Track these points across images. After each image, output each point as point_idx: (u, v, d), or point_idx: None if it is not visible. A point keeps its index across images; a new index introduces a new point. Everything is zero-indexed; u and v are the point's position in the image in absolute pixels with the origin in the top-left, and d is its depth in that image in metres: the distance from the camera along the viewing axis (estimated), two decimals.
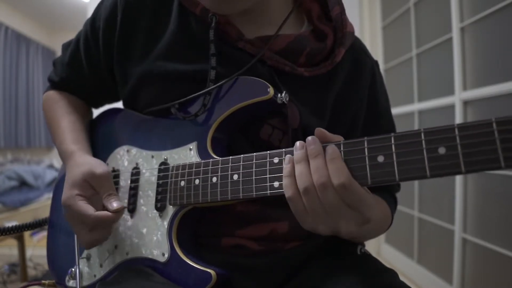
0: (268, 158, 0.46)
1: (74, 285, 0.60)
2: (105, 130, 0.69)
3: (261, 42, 0.55)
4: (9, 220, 2.86)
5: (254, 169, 0.46)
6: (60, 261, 0.65)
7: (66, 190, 0.54)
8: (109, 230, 0.55)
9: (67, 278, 0.61)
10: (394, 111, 1.37)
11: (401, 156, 0.37)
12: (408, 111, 1.99)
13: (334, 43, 0.59)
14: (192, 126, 0.55)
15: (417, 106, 1.91)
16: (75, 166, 0.56)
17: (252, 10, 0.56)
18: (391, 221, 0.61)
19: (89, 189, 0.54)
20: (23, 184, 3.56)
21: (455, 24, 1.53)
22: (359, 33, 2.31)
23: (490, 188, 1.40)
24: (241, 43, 0.55)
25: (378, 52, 2.36)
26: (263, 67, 0.55)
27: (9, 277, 2.09)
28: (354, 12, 2.33)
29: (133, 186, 0.59)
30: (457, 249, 1.53)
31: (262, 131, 0.55)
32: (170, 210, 0.54)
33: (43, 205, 3.39)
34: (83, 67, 0.66)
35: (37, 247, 2.42)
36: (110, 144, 0.66)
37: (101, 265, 0.60)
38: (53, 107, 0.69)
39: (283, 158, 0.45)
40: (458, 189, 1.53)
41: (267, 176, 0.45)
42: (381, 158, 0.39)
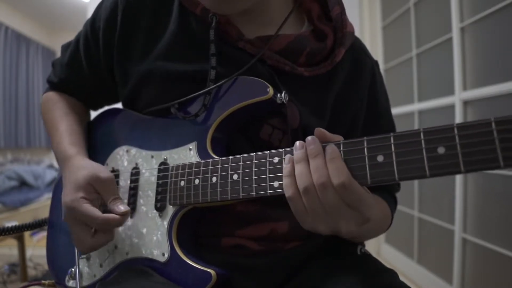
0: (268, 158, 0.46)
1: (74, 285, 0.60)
2: (105, 130, 0.69)
3: (261, 42, 0.55)
4: (9, 220, 2.86)
5: (254, 169, 0.46)
6: (60, 261, 0.65)
7: (69, 193, 0.53)
8: (113, 234, 0.54)
9: (67, 278, 0.61)
10: (394, 111, 1.37)
11: (401, 156, 0.37)
12: (408, 111, 1.99)
13: (334, 43, 0.59)
14: (192, 126, 0.55)
15: (417, 106, 1.91)
16: (76, 169, 0.56)
17: (252, 10, 0.56)
18: (391, 220, 0.61)
19: (93, 192, 0.54)
20: (23, 184, 3.56)
21: (455, 24, 1.53)
22: (359, 33, 2.31)
23: (490, 188, 1.39)
24: (241, 43, 0.55)
25: (378, 52, 2.36)
26: (263, 67, 0.55)
27: (9, 277, 2.09)
28: (354, 12, 2.33)
29: (133, 186, 0.59)
30: (457, 249, 1.53)
31: (262, 131, 0.55)
32: (170, 210, 0.54)
33: (43, 205, 3.39)
34: (83, 68, 0.66)
35: (37, 247, 2.42)
36: (110, 144, 0.66)
37: (101, 265, 0.60)
38: (51, 109, 0.69)
39: (283, 158, 0.45)
40: (458, 189, 1.53)
41: (267, 176, 0.45)
42: (380, 158, 0.39)
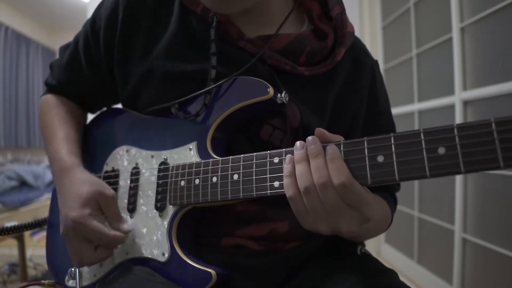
0: (268, 158, 0.46)
1: (73, 285, 0.60)
2: (105, 130, 0.69)
3: (262, 41, 0.55)
4: (9, 220, 2.86)
5: (254, 169, 0.46)
6: (60, 261, 0.65)
7: (75, 208, 0.53)
8: (112, 251, 0.55)
9: (66, 278, 0.61)
10: (394, 111, 1.37)
11: (401, 156, 0.37)
12: (408, 111, 1.99)
13: (335, 43, 0.59)
14: (192, 126, 0.55)
15: (417, 106, 1.91)
16: (80, 183, 0.55)
17: (253, 10, 0.56)
18: (391, 220, 0.61)
19: (97, 208, 0.54)
20: (23, 184, 3.55)
21: (455, 24, 1.53)
22: (359, 33, 2.31)
23: (490, 188, 1.39)
24: (242, 43, 0.55)
25: (378, 52, 2.36)
26: (263, 67, 0.55)
27: (9, 277, 2.09)
28: (354, 12, 2.33)
29: (133, 186, 0.59)
30: (457, 249, 1.53)
31: (262, 131, 0.55)
32: (170, 210, 0.54)
33: (43, 205, 3.39)
34: (83, 68, 0.65)
35: (37, 247, 2.42)
36: (110, 144, 0.66)
37: (100, 265, 0.60)
38: (49, 114, 0.68)
39: (283, 158, 0.45)
40: (458, 189, 1.53)
41: (267, 176, 0.45)
42: (381, 158, 0.39)
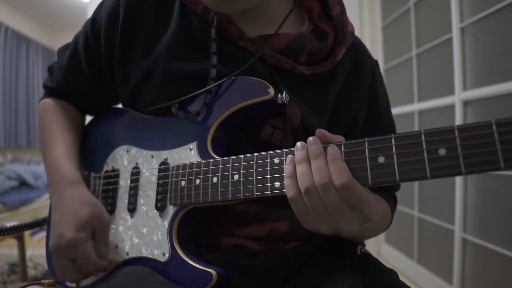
0: (268, 159, 0.46)
1: (73, 285, 0.60)
2: (105, 129, 0.69)
3: (262, 41, 0.55)
4: (9, 220, 2.86)
5: (255, 169, 0.46)
6: None
7: (72, 228, 0.53)
8: (93, 274, 0.56)
9: None
10: (394, 111, 1.37)
11: (402, 157, 0.38)
12: (408, 111, 1.99)
13: (335, 42, 0.59)
14: (192, 125, 0.55)
15: (417, 106, 1.91)
16: (81, 203, 0.56)
17: (253, 9, 0.56)
18: (391, 220, 0.61)
19: (91, 232, 0.55)
20: (23, 184, 3.55)
21: (455, 24, 1.53)
22: (359, 33, 2.31)
23: (490, 188, 1.40)
24: (242, 42, 0.55)
25: (378, 52, 2.36)
26: (263, 66, 0.55)
27: (9, 277, 2.09)
28: (354, 12, 2.33)
29: (133, 186, 0.59)
30: (457, 249, 1.53)
31: (263, 131, 0.55)
32: (171, 210, 0.54)
33: (43, 205, 3.39)
34: (83, 68, 0.65)
35: (37, 247, 2.42)
36: (110, 143, 0.66)
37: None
38: (48, 121, 0.68)
39: (284, 158, 0.45)
40: (458, 189, 1.53)
41: (268, 177, 0.45)
42: (381, 159, 0.39)
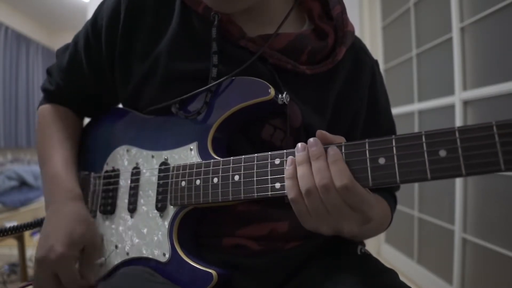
0: (269, 159, 0.46)
1: None
2: (105, 129, 0.69)
3: (263, 40, 0.55)
4: (9, 220, 2.86)
5: (255, 170, 0.47)
6: None
7: (65, 244, 0.53)
8: None
9: None
10: (394, 111, 1.37)
11: (402, 159, 0.38)
12: (408, 111, 1.99)
13: (335, 42, 0.59)
14: (193, 126, 0.55)
15: (417, 106, 1.91)
16: (78, 220, 0.57)
17: (253, 9, 0.56)
18: (391, 219, 0.62)
19: (80, 251, 0.55)
20: (23, 184, 3.55)
21: (455, 24, 1.53)
22: (359, 33, 2.31)
23: (490, 188, 1.40)
24: (243, 41, 0.55)
25: (378, 52, 2.36)
26: (264, 66, 0.55)
27: (9, 277, 2.09)
28: (354, 12, 2.33)
29: (133, 186, 0.59)
30: (457, 249, 1.53)
31: (263, 132, 0.55)
32: (171, 210, 0.54)
33: (43, 205, 3.33)
34: (83, 68, 0.65)
35: None
36: (110, 143, 0.66)
37: (101, 265, 0.60)
38: (47, 130, 0.68)
39: (284, 159, 0.45)
40: (458, 189, 1.53)
41: (269, 177, 0.45)
42: (382, 160, 0.39)
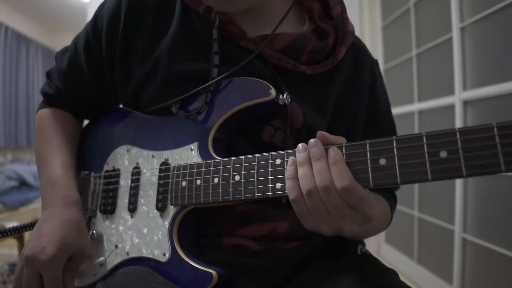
0: (270, 160, 0.46)
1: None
2: (106, 129, 0.69)
3: (263, 40, 0.55)
4: (9, 220, 2.86)
5: (256, 170, 0.47)
6: None
7: (57, 247, 0.53)
8: None
9: None
10: (394, 111, 1.37)
11: (403, 159, 0.38)
12: (408, 111, 1.99)
13: (336, 42, 0.59)
14: (193, 126, 0.55)
15: (417, 106, 1.91)
16: (75, 228, 0.57)
17: (254, 9, 0.56)
18: (391, 218, 0.62)
19: (68, 258, 0.55)
20: (23, 184, 3.55)
21: (455, 24, 1.53)
22: (359, 33, 2.31)
23: (490, 188, 1.40)
24: (244, 42, 0.55)
25: (378, 52, 2.36)
26: (265, 66, 0.55)
27: (9, 277, 2.09)
28: (354, 12, 2.33)
29: (134, 186, 0.59)
30: (457, 249, 1.53)
31: (264, 132, 0.55)
32: (171, 210, 0.54)
33: None
34: (83, 69, 0.65)
35: None
36: (111, 143, 0.66)
37: (101, 265, 0.60)
38: (47, 134, 0.68)
39: (285, 159, 0.45)
40: (458, 189, 1.53)
41: (269, 178, 0.45)
42: (383, 161, 0.39)
